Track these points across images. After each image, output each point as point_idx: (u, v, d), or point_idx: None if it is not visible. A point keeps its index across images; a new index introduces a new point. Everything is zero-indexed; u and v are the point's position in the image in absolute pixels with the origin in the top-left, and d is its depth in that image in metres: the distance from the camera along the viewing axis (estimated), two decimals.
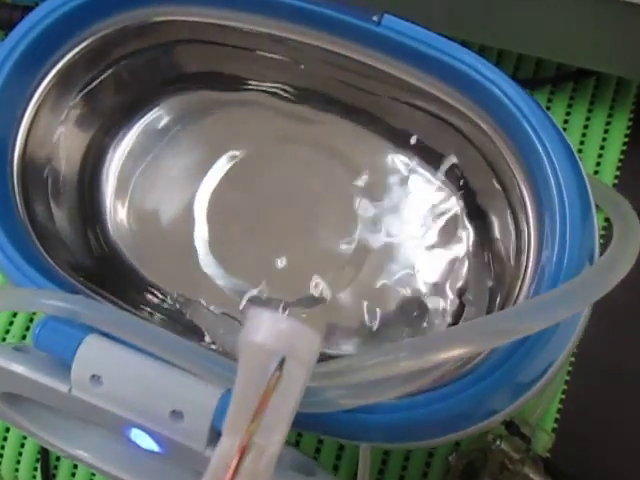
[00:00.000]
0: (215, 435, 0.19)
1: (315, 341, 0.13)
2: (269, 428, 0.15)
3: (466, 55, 0.22)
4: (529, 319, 0.18)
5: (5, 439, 0.35)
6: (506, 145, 0.23)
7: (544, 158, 0.21)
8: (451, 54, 0.22)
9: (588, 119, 0.35)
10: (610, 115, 0.35)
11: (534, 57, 0.35)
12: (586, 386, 0.32)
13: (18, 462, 0.35)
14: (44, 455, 0.34)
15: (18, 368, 0.21)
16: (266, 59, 0.27)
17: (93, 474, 0.34)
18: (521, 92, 0.21)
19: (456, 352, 0.18)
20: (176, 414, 0.19)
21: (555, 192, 0.21)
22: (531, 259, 0.22)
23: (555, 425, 0.32)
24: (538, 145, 0.21)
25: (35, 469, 0.34)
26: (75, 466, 0.34)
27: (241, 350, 0.13)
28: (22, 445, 0.35)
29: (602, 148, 0.35)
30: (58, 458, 0.34)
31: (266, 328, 0.13)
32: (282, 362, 0.15)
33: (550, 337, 0.20)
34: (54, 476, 0.34)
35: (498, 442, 0.28)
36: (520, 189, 0.23)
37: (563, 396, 0.32)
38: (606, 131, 0.35)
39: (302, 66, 0.27)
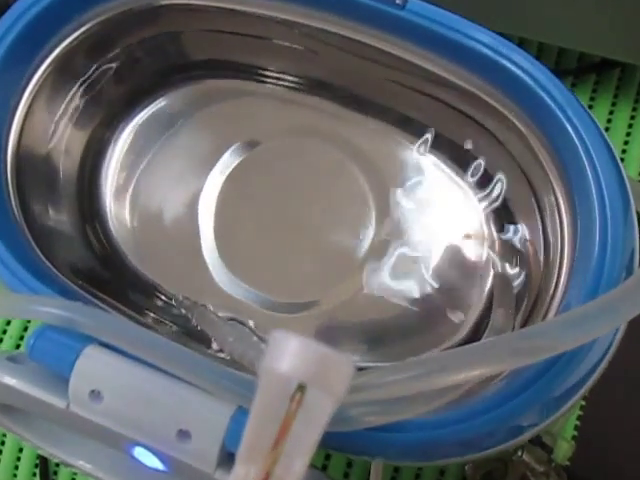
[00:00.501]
0: (225, 456, 0.18)
1: (347, 371, 0.11)
2: (288, 458, 0.14)
3: (501, 45, 0.20)
4: (569, 335, 0.16)
5: (2, 443, 0.33)
6: (539, 142, 0.21)
7: (582, 154, 0.19)
8: (485, 43, 0.20)
9: (611, 113, 0.34)
10: (635, 109, 0.33)
11: (555, 47, 0.34)
12: (606, 391, 0.31)
13: (16, 467, 0.33)
14: (43, 460, 0.33)
15: (10, 381, 0.19)
16: (279, 47, 0.26)
17: None
18: (561, 87, 0.20)
19: (489, 369, 0.17)
20: (183, 434, 0.17)
21: (594, 190, 0.19)
22: (564, 264, 0.20)
23: (575, 433, 0.31)
24: (576, 140, 0.19)
25: (34, 474, 0.33)
26: (76, 472, 0.33)
27: (263, 376, 0.12)
28: (20, 450, 0.33)
29: (626, 143, 0.33)
30: (58, 464, 0.33)
31: (293, 356, 0.11)
32: (303, 387, 0.13)
33: (587, 352, 0.18)
34: None
35: (519, 453, 0.27)
36: (552, 186, 0.21)
37: (583, 402, 0.31)
38: (630, 125, 0.33)
39: (317, 55, 0.25)
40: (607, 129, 0.33)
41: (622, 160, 0.33)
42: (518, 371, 0.19)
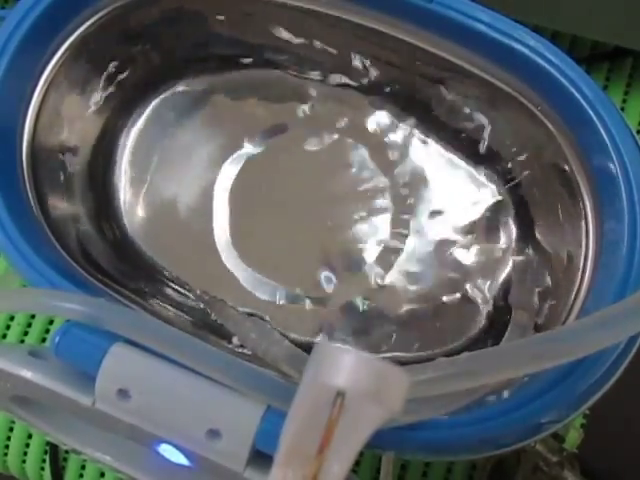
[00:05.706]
0: (255, 454, 0.18)
1: (403, 385, 0.11)
2: (328, 463, 0.14)
3: (530, 38, 0.20)
4: (597, 338, 0.16)
5: (11, 430, 0.33)
6: (566, 139, 0.21)
7: (610, 149, 0.19)
8: (512, 35, 0.20)
9: (624, 101, 0.33)
10: None
11: (569, 34, 0.33)
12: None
13: (25, 454, 0.33)
14: (52, 446, 0.33)
15: (28, 374, 0.19)
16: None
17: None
18: (593, 85, 0.19)
19: (519, 372, 0.17)
20: (213, 433, 0.17)
21: (623, 186, 0.19)
22: (589, 262, 0.20)
23: (583, 421, 0.31)
24: (607, 140, 0.19)
25: (43, 461, 0.33)
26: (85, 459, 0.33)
27: (309, 388, 0.12)
28: (29, 436, 0.33)
29: (639, 132, 0.33)
30: (67, 450, 0.33)
31: (349, 370, 0.11)
32: (343, 394, 0.13)
33: (613, 352, 0.18)
34: (63, 468, 0.33)
35: (533, 443, 0.27)
36: (576, 181, 0.21)
37: None
38: None
39: (339, 45, 0.25)
40: None
41: None
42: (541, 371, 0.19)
